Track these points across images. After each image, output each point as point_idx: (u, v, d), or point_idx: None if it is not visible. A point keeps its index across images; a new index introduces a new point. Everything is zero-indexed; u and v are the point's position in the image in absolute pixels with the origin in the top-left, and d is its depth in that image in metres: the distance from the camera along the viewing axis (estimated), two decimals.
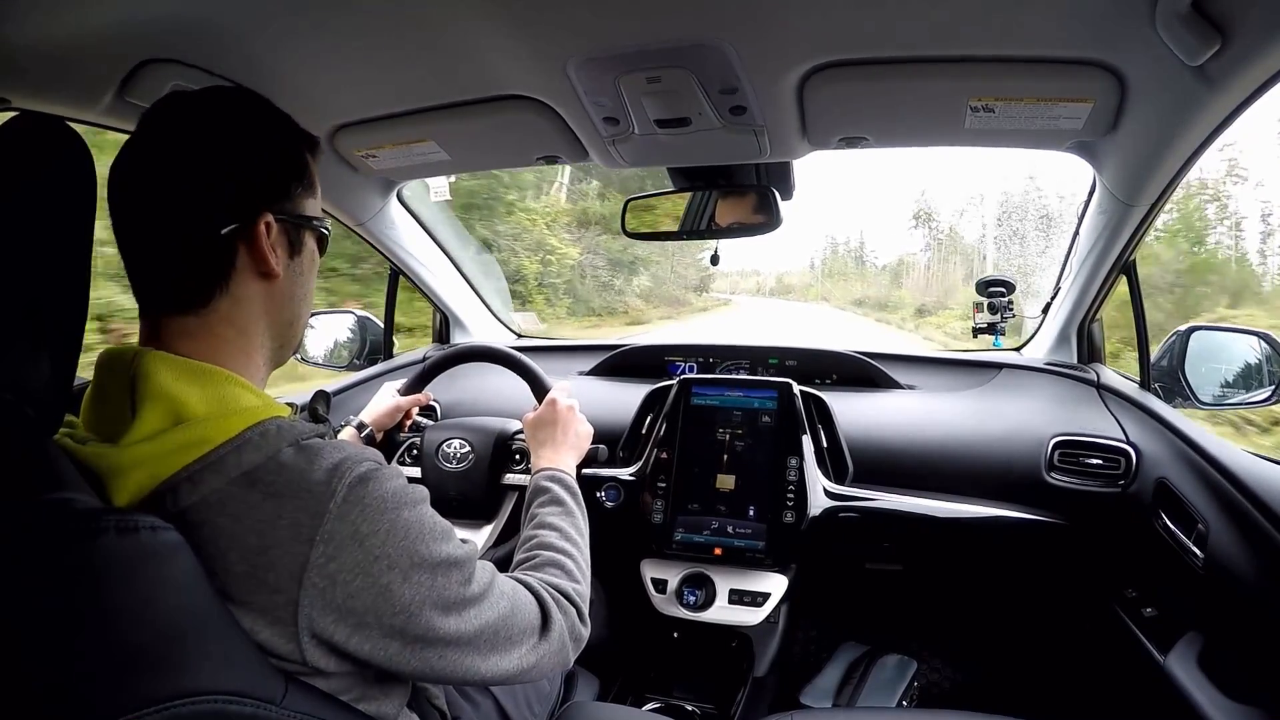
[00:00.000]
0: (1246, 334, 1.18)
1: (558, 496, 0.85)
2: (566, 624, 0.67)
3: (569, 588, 0.71)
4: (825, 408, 1.30)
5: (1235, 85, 0.71)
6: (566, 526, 0.80)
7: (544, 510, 0.83)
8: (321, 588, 0.48)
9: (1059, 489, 1.17)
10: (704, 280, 25.25)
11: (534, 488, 0.87)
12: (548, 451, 0.96)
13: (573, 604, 0.69)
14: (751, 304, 37.44)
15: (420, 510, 0.55)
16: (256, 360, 0.58)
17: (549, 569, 0.73)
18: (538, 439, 0.98)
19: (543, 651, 0.63)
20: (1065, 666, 1.42)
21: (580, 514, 0.85)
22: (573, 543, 0.79)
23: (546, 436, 0.98)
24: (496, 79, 0.91)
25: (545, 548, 0.76)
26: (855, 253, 62.14)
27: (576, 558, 0.77)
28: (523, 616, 0.62)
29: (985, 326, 1.48)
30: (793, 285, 58.56)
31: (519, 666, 0.61)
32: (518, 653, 0.61)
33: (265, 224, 0.55)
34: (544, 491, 0.86)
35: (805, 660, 1.59)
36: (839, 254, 62.64)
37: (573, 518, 0.83)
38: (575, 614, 0.69)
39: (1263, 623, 0.88)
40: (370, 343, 1.67)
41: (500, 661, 0.60)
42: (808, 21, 0.74)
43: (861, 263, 60.44)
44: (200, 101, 0.56)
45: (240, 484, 0.48)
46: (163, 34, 0.78)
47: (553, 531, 0.79)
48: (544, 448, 0.96)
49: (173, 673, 0.43)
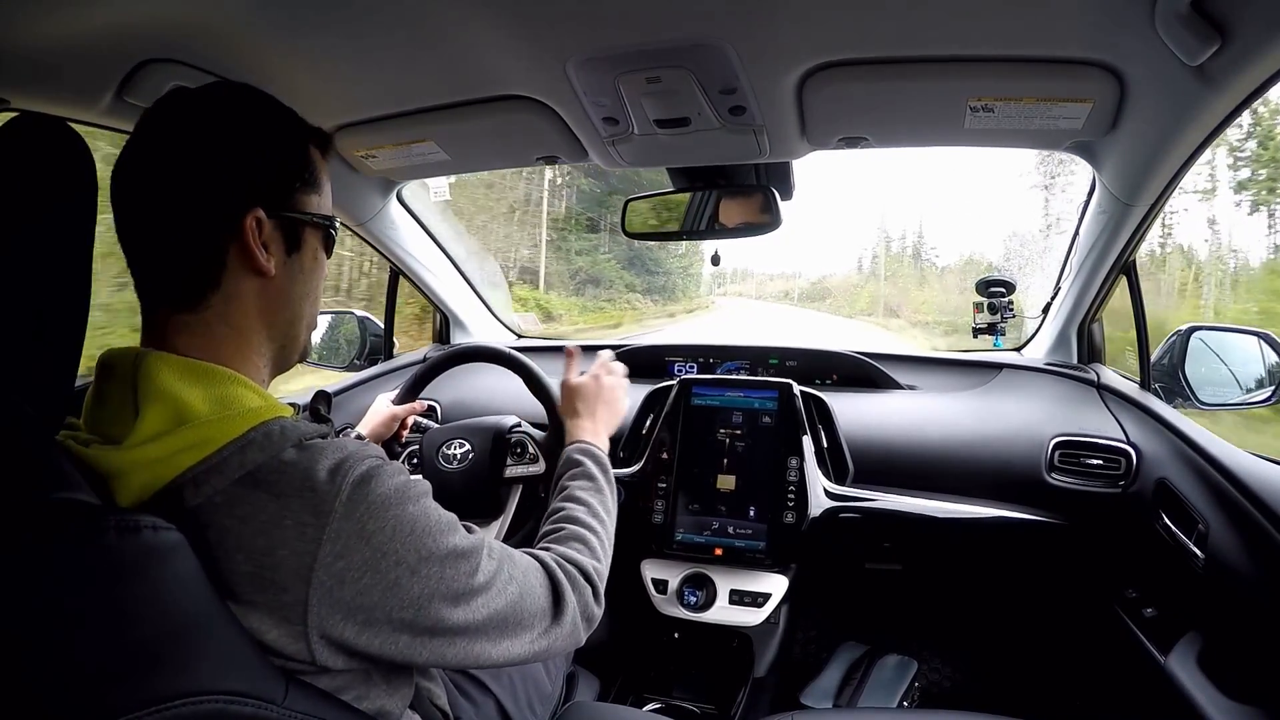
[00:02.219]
0: (1246, 334, 1.18)
1: (589, 471, 0.84)
2: (580, 603, 0.66)
3: (589, 564, 0.70)
4: (825, 408, 1.30)
5: (1235, 85, 0.71)
6: (594, 502, 0.80)
7: (575, 484, 0.82)
8: (330, 586, 0.48)
9: (1059, 489, 1.17)
10: (705, 282, 25.09)
11: (566, 459, 0.86)
12: (586, 423, 0.93)
13: (589, 582, 0.69)
14: (737, 308, 32.99)
15: (424, 504, 0.55)
16: (256, 360, 0.58)
17: (572, 543, 0.73)
18: (575, 408, 0.96)
19: (554, 635, 0.63)
20: (1065, 666, 1.42)
21: (610, 492, 0.84)
22: (599, 519, 0.78)
23: (586, 408, 0.95)
24: (496, 79, 0.91)
25: (571, 521, 0.76)
26: (914, 248, 50.24)
27: (601, 535, 0.76)
28: (532, 601, 0.62)
29: (985, 327, 1.48)
30: (833, 289, 48.05)
31: (530, 651, 0.61)
32: (529, 636, 0.61)
33: (255, 220, 0.54)
34: (576, 464, 0.85)
35: (805, 660, 1.59)
36: (892, 252, 50.71)
37: (602, 495, 0.82)
38: (590, 592, 0.68)
39: (1263, 623, 0.88)
40: (370, 343, 1.67)
41: (512, 646, 0.60)
42: (807, 21, 0.74)
43: (919, 261, 49.37)
44: (198, 98, 0.56)
45: (244, 485, 0.48)
46: (163, 34, 0.78)
47: (580, 506, 0.78)
48: (582, 418, 0.94)
49: (174, 672, 0.43)
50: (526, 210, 17.73)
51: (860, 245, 58.35)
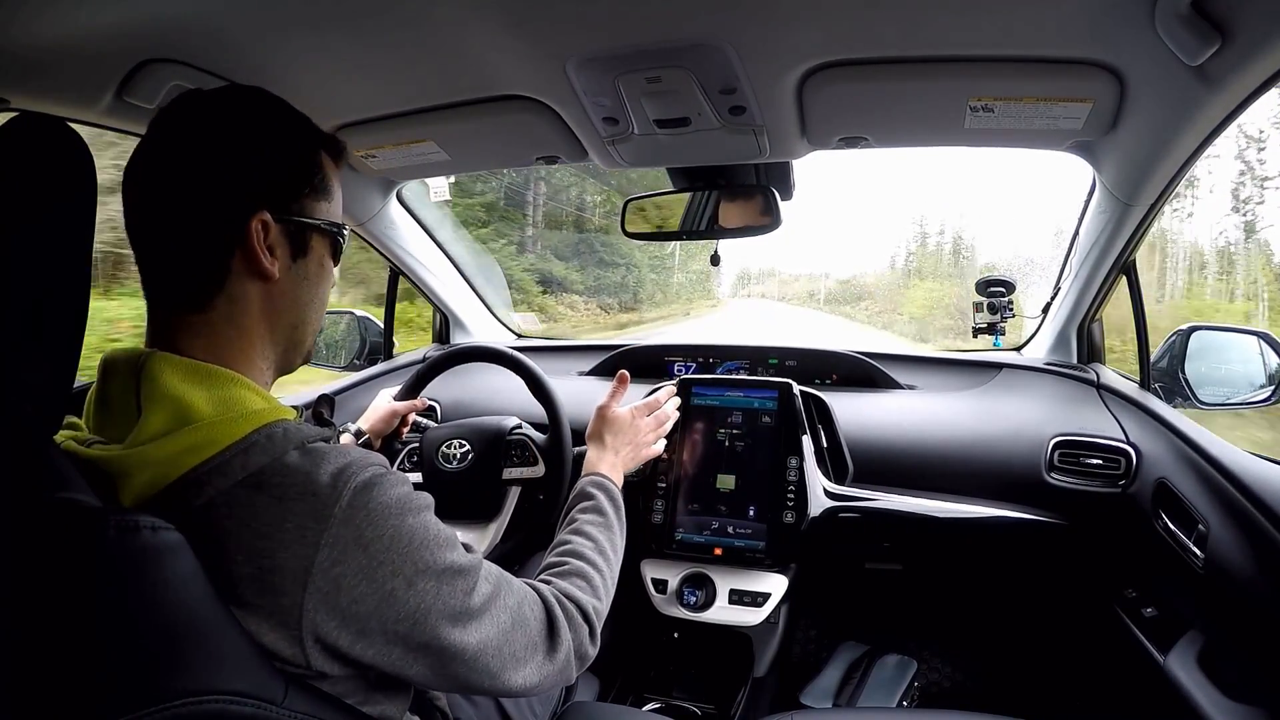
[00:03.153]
0: (1246, 334, 1.18)
1: (601, 506, 0.84)
2: (575, 642, 0.66)
3: (588, 603, 0.69)
4: (825, 408, 1.30)
5: (1235, 85, 0.71)
6: (602, 539, 0.79)
7: (584, 517, 0.82)
8: (326, 592, 0.48)
9: (1059, 489, 1.17)
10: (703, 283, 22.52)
11: (580, 491, 0.86)
12: (609, 456, 0.93)
13: (587, 621, 0.68)
14: (741, 311, 27.92)
15: (424, 517, 0.55)
16: (259, 363, 0.58)
17: (574, 579, 0.72)
18: (602, 438, 0.95)
19: (546, 671, 0.63)
20: (1065, 666, 1.42)
21: (619, 529, 0.84)
22: (605, 557, 0.77)
23: (613, 442, 0.95)
24: (496, 79, 0.91)
25: (576, 556, 0.75)
26: (952, 244, 43.86)
27: (605, 573, 0.76)
28: (526, 633, 0.61)
29: (985, 326, 1.48)
30: (869, 288, 41.09)
31: (520, 684, 0.60)
32: (522, 671, 0.60)
33: (260, 224, 0.54)
34: (588, 498, 0.85)
35: (805, 660, 1.59)
36: (928, 248, 45.13)
37: (610, 532, 0.82)
38: (586, 632, 0.68)
39: (1263, 623, 0.88)
40: (370, 343, 1.67)
41: (502, 677, 0.59)
42: (807, 21, 0.74)
43: (959, 259, 43.27)
44: (210, 100, 0.56)
45: (246, 487, 0.48)
46: (162, 34, 0.78)
47: (588, 542, 0.78)
48: (606, 451, 0.94)
49: (173, 672, 0.43)
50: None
51: (894, 242, 52.95)
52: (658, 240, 1.32)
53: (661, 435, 1.04)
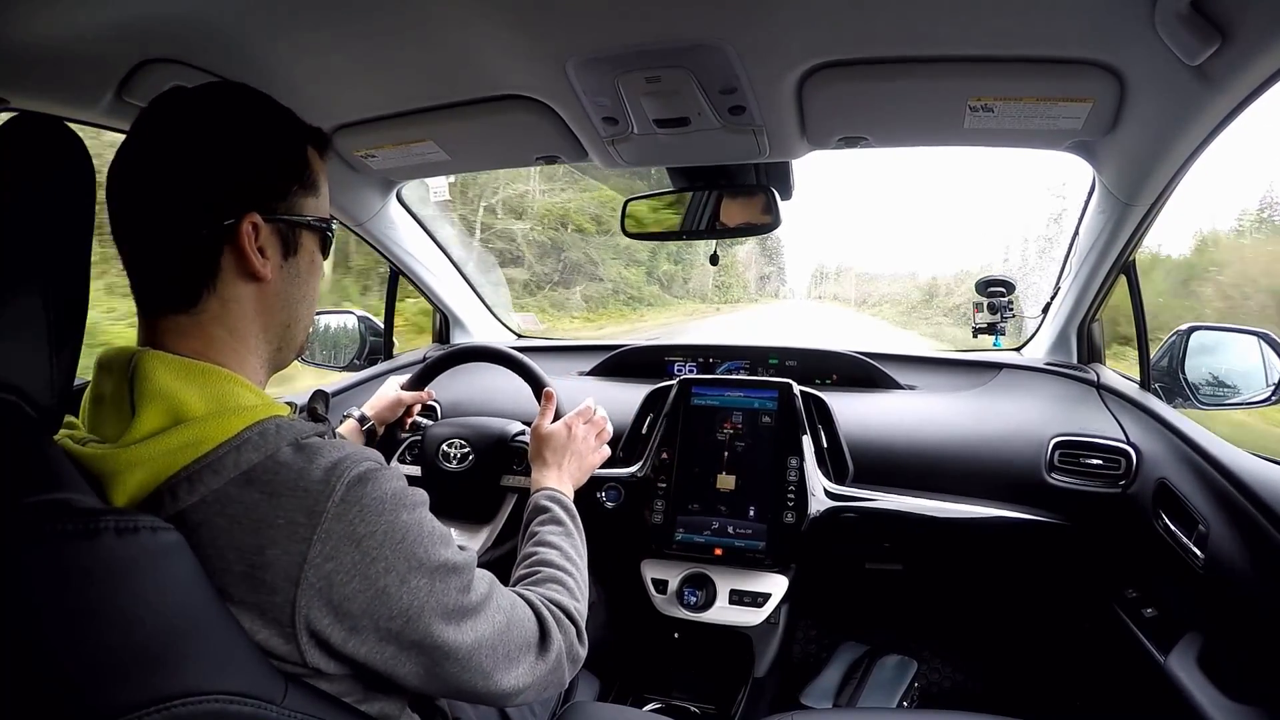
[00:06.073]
0: (1246, 334, 1.18)
1: (558, 517, 0.84)
2: (565, 643, 0.66)
3: (570, 605, 0.70)
4: (825, 408, 1.30)
5: (1235, 85, 0.71)
6: (567, 546, 0.80)
7: (544, 529, 0.82)
8: (319, 588, 0.48)
9: (1059, 489, 1.17)
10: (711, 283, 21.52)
11: (534, 506, 0.87)
12: (552, 472, 0.93)
13: (573, 622, 0.69)
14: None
15: (419, 513, 0.54)
16: (252, 361, 0.58)
17: (550, 585, 0.72)
18: (543, 456, 0.95)
19: (540, 672, 0.63)
20: (1065, 667, 1.41)
21: (579, 536, 0.84)
22: (572, 562, 0.78)
23: (554, 458, 0.95)
24: (496, 79, 0.91)
25: (546, 564, 0.76)
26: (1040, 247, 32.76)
27: (577, 577, 0.76)
28: (519, 633, 0.61)
29: (985, 326, 1.48)
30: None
31: (515, 686, 0.60)
32: (515, 672, 0.60)
33: (251, 225, 0.54)
34: (544, 510, 0.85)
35: (805, 660, 1.59)
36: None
37: (572, 539, 0.82)
38: (574, 633, 0.68)
39: (1263, 623, 0.88)
40: (370, 343, 1.67)
41: (497, 679, 0.59)
42: (807, 21, 0.74)
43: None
44: (194, 98, 0.55)
45: (239, 483, 0.48)
46: (162, 34, 0.78)
47: (554, 550, 0.78)
48: (549, 468, 0.94)
49: (173, 673, 0.43)
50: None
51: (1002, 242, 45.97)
52: (657, 240, 1.32)
53: (604, 441, 1.04)
